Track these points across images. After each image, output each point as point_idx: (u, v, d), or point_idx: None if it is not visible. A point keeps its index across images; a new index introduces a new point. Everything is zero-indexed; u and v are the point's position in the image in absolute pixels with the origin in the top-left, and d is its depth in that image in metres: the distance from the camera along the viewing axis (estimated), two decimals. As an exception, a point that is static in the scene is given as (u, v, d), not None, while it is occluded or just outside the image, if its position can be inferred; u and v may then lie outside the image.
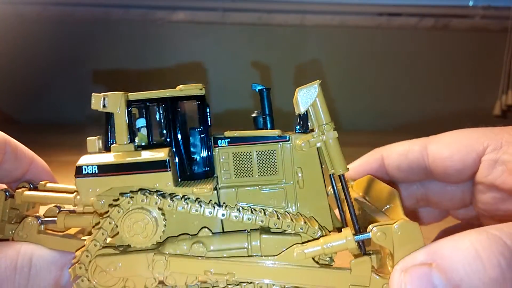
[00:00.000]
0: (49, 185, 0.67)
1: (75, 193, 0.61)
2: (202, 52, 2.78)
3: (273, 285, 0.56)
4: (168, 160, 0.56)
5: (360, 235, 0.54)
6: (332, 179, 0.60)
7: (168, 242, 0.58)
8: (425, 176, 0.73)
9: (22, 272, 0.55)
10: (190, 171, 0.60)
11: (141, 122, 0.62)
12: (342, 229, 0.56)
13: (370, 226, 0.53)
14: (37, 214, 0.64)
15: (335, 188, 0.61)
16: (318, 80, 0.57)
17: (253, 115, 0.62)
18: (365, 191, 0.68)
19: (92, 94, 0.57)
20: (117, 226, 0.56)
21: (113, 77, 2.64)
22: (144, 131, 0.62)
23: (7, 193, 0.64)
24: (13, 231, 0.62)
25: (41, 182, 0.68)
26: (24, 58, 2.65)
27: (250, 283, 0.57)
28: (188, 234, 0.59)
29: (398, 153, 0.73)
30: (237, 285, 0.57)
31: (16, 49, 2.61)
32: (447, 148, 0.67)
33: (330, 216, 0.61)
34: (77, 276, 0.56)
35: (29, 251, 0.57)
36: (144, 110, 0.61)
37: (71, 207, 0.63)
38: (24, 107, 2.72)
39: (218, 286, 0.57)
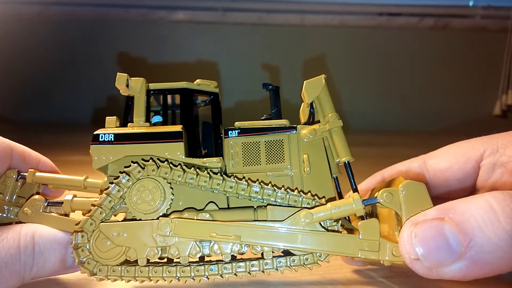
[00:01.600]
0: None
1: (85, 176, 0.64)
2: (202, 52, 2.78)
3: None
4: (182, 132, 0.59)
5: (368, 199, 0.55)
6: (336, 182, 0.63)
7: (174, 213, 0.58)
8: None
9: (27, 251, 0.55)
10: (200, 157, 0.61)
11: (156, 119, 0.65)
12: (349, 194, 0.56)
13: (376, 193, 0.54)
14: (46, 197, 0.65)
15: (337, 186, 0.63)
16: (323, 74, 0.62)
17: (263, 118, 0.65)
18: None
19: (118, 73, 0.61)
20: (124, 199, 0.56)
21: (113, 76, 2.63)
22: None
23: (20, 175, 0.65)
24: (17, 212, 0.62)
25: None
26: (24, 58, 2.65)
27: (255, 259, 0.57)
28: (195, 209, 0.59)
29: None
30: (242, 261, 0.57)
31: (16, 48, 2.61)
32: (445, 159, 0.69)
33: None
34: (77, 245, 0.56)
35: (31, 231, 0.57)
36: (162, 99, 0.64)
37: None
38: (24, 107, 2.72)
39: (222, 261, 0.56)
